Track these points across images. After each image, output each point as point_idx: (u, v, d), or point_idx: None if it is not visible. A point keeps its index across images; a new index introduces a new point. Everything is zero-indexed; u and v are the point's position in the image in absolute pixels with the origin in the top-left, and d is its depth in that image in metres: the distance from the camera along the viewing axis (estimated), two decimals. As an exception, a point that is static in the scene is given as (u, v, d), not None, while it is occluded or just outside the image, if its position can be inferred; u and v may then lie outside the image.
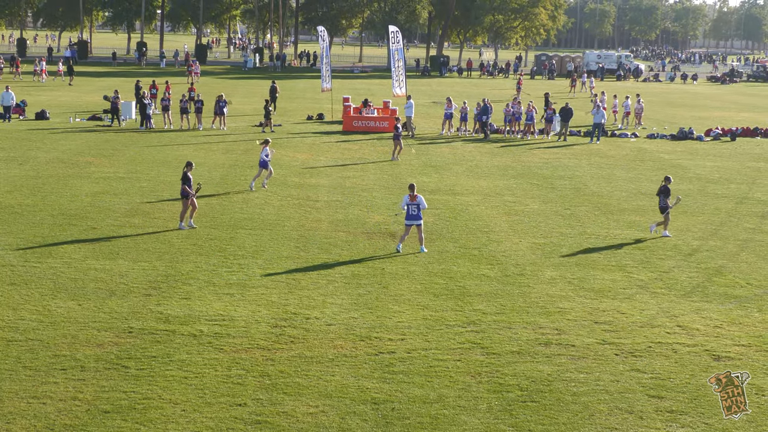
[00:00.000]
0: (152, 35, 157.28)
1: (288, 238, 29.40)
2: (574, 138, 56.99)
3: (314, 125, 60.26)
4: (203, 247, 27.80)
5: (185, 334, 20.30)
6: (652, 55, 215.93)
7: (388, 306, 22.73)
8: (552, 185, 40.14)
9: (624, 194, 38.48)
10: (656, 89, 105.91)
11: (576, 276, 25.98)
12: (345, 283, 24.54)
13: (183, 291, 23.45)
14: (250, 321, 21.28)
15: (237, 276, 24.94)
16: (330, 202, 35.26)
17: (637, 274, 26.30)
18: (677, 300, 23.99)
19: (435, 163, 45.38)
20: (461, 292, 24.11)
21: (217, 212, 32.79)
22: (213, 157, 45.02)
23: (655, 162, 48.03)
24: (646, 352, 20.03)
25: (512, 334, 20.95)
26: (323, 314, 21.93)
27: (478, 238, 30.12)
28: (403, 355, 19.43)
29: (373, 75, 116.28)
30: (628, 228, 32.22)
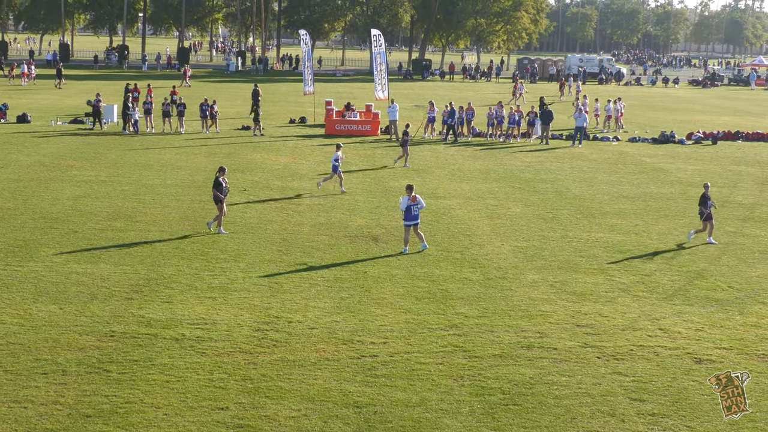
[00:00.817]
0: (134, 38, 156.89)
1: (270, 241, 29.37)
2: (556, 141, 57.11)
3: (297, 129, 60.21)
4: (185, 251, 27.74)
5: (167, 337, 20.25)
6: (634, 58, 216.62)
7: (370, 309, 22.72)
8: (534, 189, 40.22)
9: (606, 198, 38.57)
10: (638, 93, 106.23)
11: (558, 279, 26.03)
12: (327, 287, 24.53)
13: (165, 295, 23.40)
14: (233, 325, 21.25)
15: (219, 279, 24.90)
16: (312, 205, 35.24)
17: (619, 278, 26.37)
18: (659, 303, 24.06)
19: (417, 167, 45.39)
20: (444, 295, 24.12)
21: (200, 216, 32.72)
22: (195, 161, 44.93)
23: (636, 165, 48.17)
24: (628, 355, 20.08)
25: (494, 337, 20.98)
26: (305, 318, 21.91)
27: (460, 242, 30.15)
28: (386, 358, 19.43)
29: (355, 78, 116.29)
30: (610, 231, 32.30)
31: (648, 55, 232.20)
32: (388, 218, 33.23)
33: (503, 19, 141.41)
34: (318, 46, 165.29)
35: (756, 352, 20.58)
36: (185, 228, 30.63)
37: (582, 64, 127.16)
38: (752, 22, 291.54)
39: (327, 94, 77.86)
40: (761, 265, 28.29)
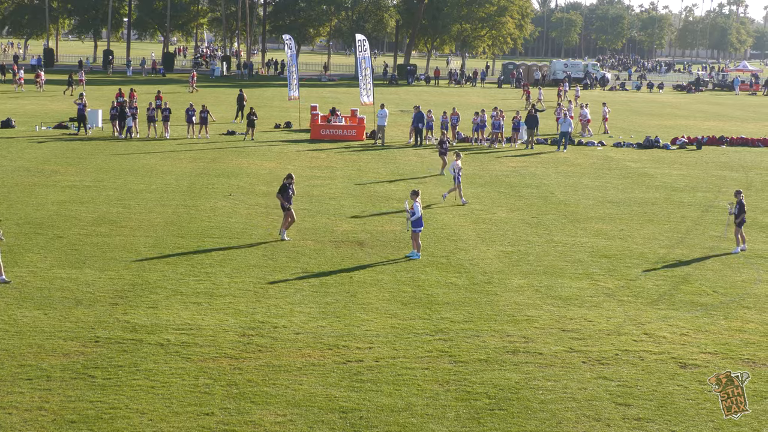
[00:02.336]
0: (119, 43, 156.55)
1: (256, 246, 29.34)
2: (541, 146, 57.21)
3: (282, 133, 60.20)
4: (170, 256, 27.69)
5: (152, 343, 20.21)
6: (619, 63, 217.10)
7: (356, 314, 22.72)
8: (519, 193, 40.28)
9: (591, 202, 38.65)
10: (622, 98, 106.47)
11: (543, 284, 26.07)
12: (313, 292, 24.52)
13: (150, 300, 23.36)
14: (218, 330, 21.22)
15: (204, 285, 24.86)
16: (297, 210, 35.20)
17: (604, 282, 26.43)
18: (644, 308, 24.12)
19: (402, 172, 45.41)
20: (429, 300, 24.14)
21: (185, 221, 32.68)
22: (180, 166, 44.87)
23: (621, 170, 48.30)
24: (613, 359, 20.13)
25: (480, 342, 21.00)
26: (291, 323, 21.90)
27: (445, 247, 30.17)
28: (371, 363, 19.43)
29: (340, 83, 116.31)
30: (595, 236, 32.37)
31: (633, 60, 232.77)
32: (373, 223, 33.24)
33: (488, 24, 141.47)
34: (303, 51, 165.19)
35: (741, 356, 20.64)
36: (169, 233, 30.56)
37: (567, 70, 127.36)
38: (736, 27, 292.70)
39: (312, 99, 77.83)
40: (746, 270, 28.39)
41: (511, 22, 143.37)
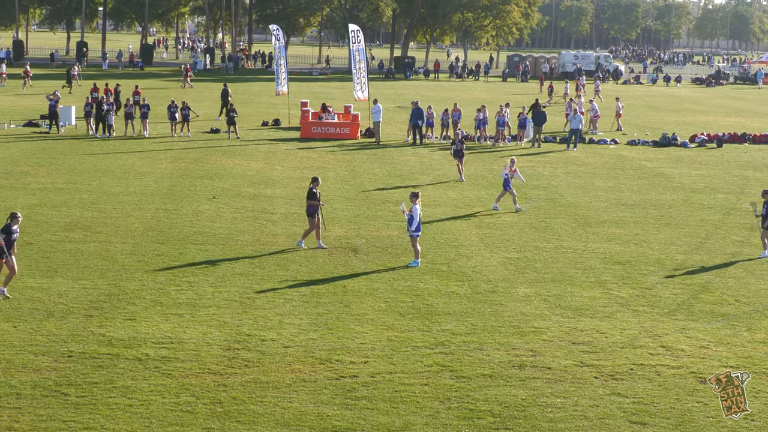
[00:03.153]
0: (94, 35, 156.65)
1: (242, 253, 29.34)
2: (549, 145, 57.25)
3: (270, 132, 60.23)
4: (149, 264, 27.68)
5: (130, 358, 20.19)
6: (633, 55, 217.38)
7: (349, 326, 22.72)
8: (526, 195, 40.29)
9: (603, 205, 38.68)
10: (637, 92, 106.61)
11: (552, 293, 26.08)
12: (303, 302, 24.51)
13: (127, 311, 23.34)
14: (201, 343, 21.21)
15: (186, 295, 24.85)
16: (287, 214, 35.23)
17: (618, 291, 26.44)
18: (661, 318, 24.12)
19: (399, 173, 45.44)
20: (428, 310, 24.13)
21: (165, 226, 32.67)
22: (160, 167, 44.88)
23: (636, 170, 48.33)
24: (628, 374, 20.13)
25: (484, 356, 20.99)
26: (280, 336, 21.89)
27: (446, 253, 30.17)
28: (366, 379, 19.42)
29: (333, 77, 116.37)
30: (607, 241, 32.39)
31: (648, 52, 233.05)
32: (368, 228, 33.25)
33: (492, 13, 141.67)
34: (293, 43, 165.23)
35: (765, 370, 20.64)
36: (148, 239, 30.55)
37: (577, 61, 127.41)
38: (759, 17, 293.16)
39: (302, 95, 77.88)
40: (770, 277, 28.41)
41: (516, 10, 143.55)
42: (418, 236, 28.56)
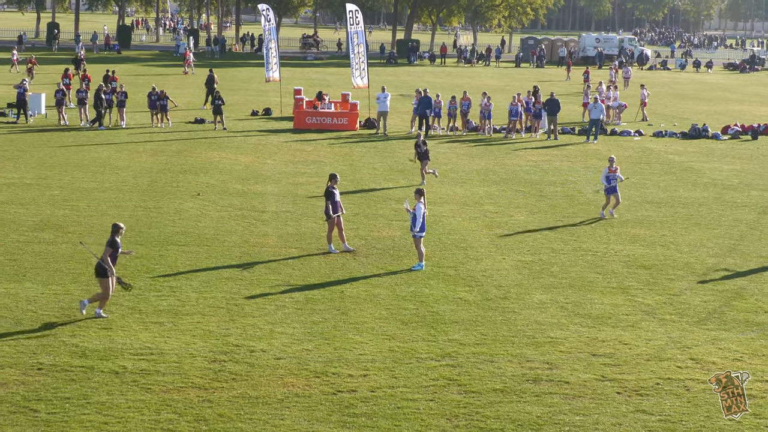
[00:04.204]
0: (66, 15, 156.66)
1: (229, 255, 29.35)
2: (566, 136, 57.23)
3: (260, 122, 60.21)
4: (127, 267, 27.68)
5: (105, 371, 20.19)
6: (659, 38, 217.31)
7: (347, 336, 22.72)
8: (541, 192, 40.29)
9: (626, 203, 38.64)
10: (664, 78, 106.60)
11: (570, 300, 26.08)
12: (297, 309, 24.52)
13: (102, 320, 23.34)
14: (184, 355, 21.21)
15: (168, 301, 24.85)
16: (279, 213, 35.24)
17: (643, 298, 26.43)
18: (690, 328, 24.13)
19: (402, 167, 45.42)
20: (434, 319, 24.14)
21: (144, 225, 32.68)
22: (139, 160, 44.88)
23: (662, 165, 48.31)
24: (654, 389, 20.14)
25: (495, 368, 21.00)
26: (271, 346, 21.90)
27: (453, 256, 30.18)
28: (366, 394, 19.43)
29: (329, 63, 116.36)
30: (631, 243, 32.39)
31: (676, 35, 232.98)
32: (368, 228, 33.26)
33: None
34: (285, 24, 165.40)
35: (804, 385, 20.66)
36: (127, 240, 30.57)
37: (599, 45, 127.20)
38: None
39: (296, 81, 77.86)
40: (810, 283, 28.41)
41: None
42: (422, 237, 28.56)
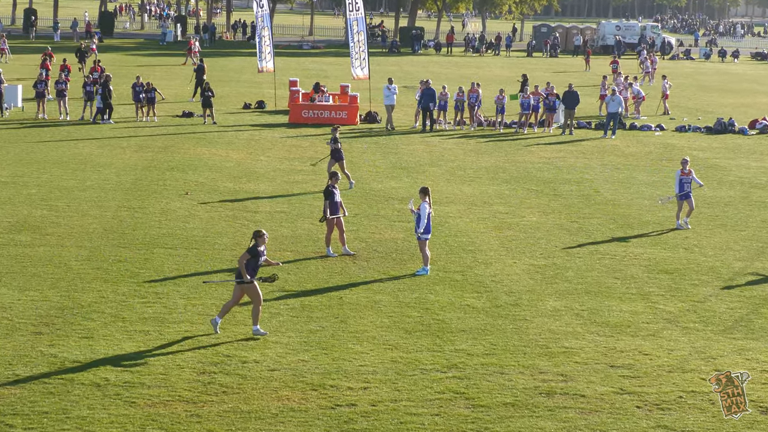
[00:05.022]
0: (44, 1, 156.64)
1: (219, 259, 29.35)
2: (582, 131, 57.19)
3: (253, 116, 60.20)
4: (110, 272, 27.69)
5: (86, 383, 20.19)
6: (682, 25, 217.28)
7: (347, 345, 22.72)
8: (555, 191, 40.28)
9: (647, 203, 38.64)
10: (687, 69, 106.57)
11: (586, 307, 26.07)
12: (293, 317, 24.52)
13: (83, 328, 23.34)
14: (171, 366, 21.20)
15: (153, 308, 24.85)
16: (273, 213, 35.23)
17: (664, 305, 26.42)
18: (715, 337, 24.11)
19: (405, 164, 45.43)
20: (440, 327, 24.14)
21: (128, 227, 32.68)
22: (123, 157, 44.87)
23: (685, 162, 48.27)
24: (676, 403, 20.13)
25: (505, 381, 20.99)
26: (264, 356, 21.89)
27: (461, 259, 30.17)
28: (367, 408, 19.43)
29: (327, 52, 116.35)
30: (652, 246, 32.38)
31: (700, 22, 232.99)
32: (369, 229, 33.26)
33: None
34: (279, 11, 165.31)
35: (838, 398, 20.66)
36: (108, 242, 30.54)
37: (619, 33, 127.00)
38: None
39: (291, 72, 77.86)
40: None
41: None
42: (427, 239, 28.56)
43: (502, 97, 56.84)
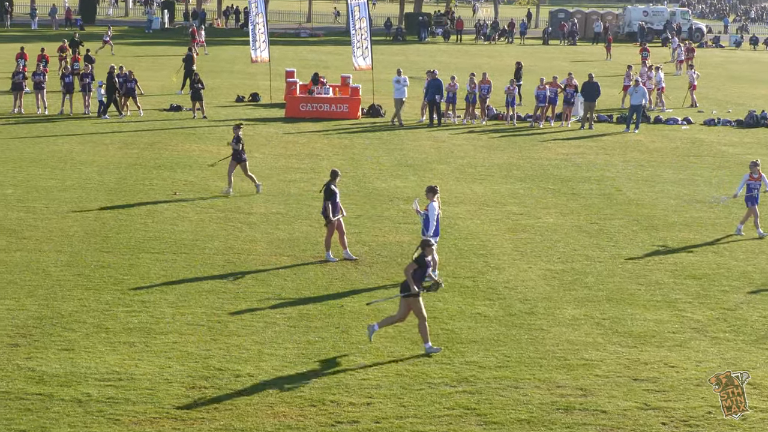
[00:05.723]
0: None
1: (210, 264, 29.36)
2: (603, 125, 57.14)
3: (246, 109, 60.19)
4: (92, 279, 27.70)
5: (67, 399, 20.20)
6: (711, 11, 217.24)
7: (348, 358, 22.73)
8: (573, 190, 40.27)
9: (673, 203, 38.63)
10: (717, 58, 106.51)
11: (607, 315, 26.06)
12: (290, 327, 24.52)
13: (64, 339, 23.35)
14: (158, 380, 21.21)
15: (139, 318, 24.86)
16: (268, 215, 35.23)
17: (692, 313, 26.41)
18: (747, 348, 24.11)
19: (412, 161, 45.42)
20: (449, 337, 24.13)
21: (112, 230, 32.68)
22: (106, 154, 44.88)
23: (715, 158, 48.27)
24: (705, 420, 20.13)
25: (520, 395, 20.99)
26: (259, 370, 21.90)
27: (471, 264, 30.17)
28: (370, 425, 19.44)
29: (326, 40, 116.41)
30: (678, 249, 32.35)
31: (730, 7, 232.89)
32: (372, 232, 33.26)
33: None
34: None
35: None
36: (90, 247, 30.55)
37: (646, 19, 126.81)
38: None
39: (288, 62, 77.87)
40: None
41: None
42: (435, 242, 28.54)
43: (513, 87, 56.85)
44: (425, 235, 28.34)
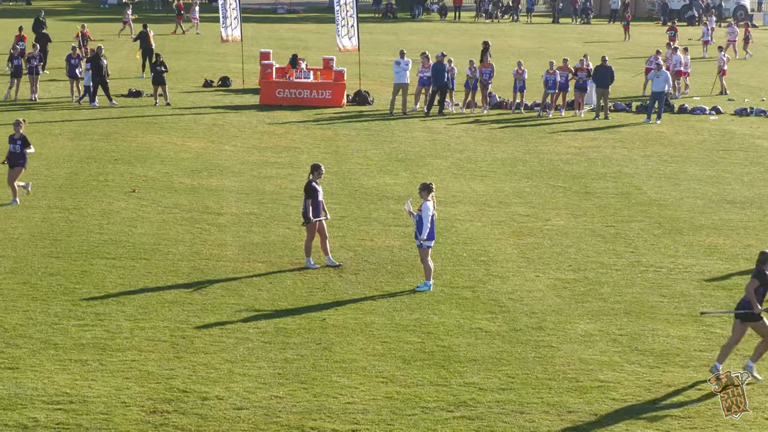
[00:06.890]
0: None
1: (174, 272, 29.35)
2: (620, 115, 57.17)
3: (215, 96, 60.23)
4: (39, 288, 27.68)
5: (10, 424, 20.19)
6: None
7: (331, 378, 22.74)
8: (587, 189, 40.32)
9: (700, 203, 38.68)
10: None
11: (625, 331, 26.09)
12: (264, 342, 24.53)
13: (7, 356, 23.34)
14: (114, 404, 21.20)
15: (93, 332, 24.85)
16: (240, 215, 35.24)
17: (721, 328, 26.43)
18: (783, 368, 24.17)
19: (403, 155, 45.44)
20: (445, 355, 24.16)
21: (62, 232, 32.66)
22: (55, 145, 44.85)
23: (747, 152, 48.33)
24: (736, 449, 20.18)
25: (526, 421, 21.02)
26: (229, 392, 21.90)
27: (471, 272, 30.20)
28: (356, 455, 19.45)
29: (307, 17, 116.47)
30: (706, 255, 32.41)
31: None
32: (358, 235, 33.27)
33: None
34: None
35: None
36: (39, 251, 30.54)
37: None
38: None
39: (262, 43, 77.91)
40: None
41: None
42: (430, 247, 28.57)
43: (522, 71, 56.63)
44: (418, 239, 28.40)
